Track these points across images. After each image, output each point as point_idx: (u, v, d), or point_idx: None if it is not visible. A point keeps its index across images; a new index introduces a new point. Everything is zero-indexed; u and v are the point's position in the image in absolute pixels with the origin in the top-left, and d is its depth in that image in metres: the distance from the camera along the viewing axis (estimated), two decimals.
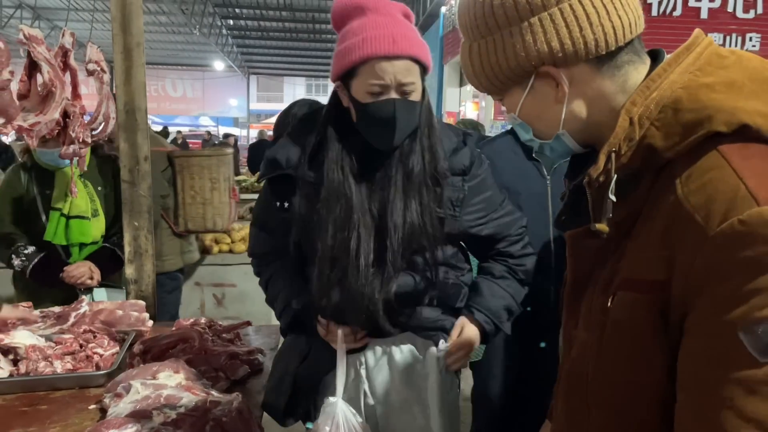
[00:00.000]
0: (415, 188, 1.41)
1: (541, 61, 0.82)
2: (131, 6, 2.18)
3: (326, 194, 1.41)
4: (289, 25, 20.34)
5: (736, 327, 0.66)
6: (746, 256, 0.66)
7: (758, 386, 0.66)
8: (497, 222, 1.56)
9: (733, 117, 0.71)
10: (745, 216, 0.66)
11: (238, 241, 3.97)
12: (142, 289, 2.35)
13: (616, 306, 0.80)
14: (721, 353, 0.68)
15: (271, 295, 1.64)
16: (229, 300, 3.86)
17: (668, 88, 0.77)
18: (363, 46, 1.30)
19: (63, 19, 16.83)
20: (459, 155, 1.49)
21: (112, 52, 2.19)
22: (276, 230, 1.57)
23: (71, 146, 2.06)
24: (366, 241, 1.39)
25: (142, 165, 2.25)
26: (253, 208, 1.60)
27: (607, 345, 0.82)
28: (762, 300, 0.65)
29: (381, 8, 1.35)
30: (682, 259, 0.71)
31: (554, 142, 0.90)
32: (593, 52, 0.81)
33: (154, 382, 1.49)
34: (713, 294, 0.68)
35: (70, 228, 2.38)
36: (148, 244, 2.32)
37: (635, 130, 0.78)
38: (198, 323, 1.99)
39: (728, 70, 0.76)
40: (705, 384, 0.70)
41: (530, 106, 0.88)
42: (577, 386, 0.88)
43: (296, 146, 1.48)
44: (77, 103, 2.07)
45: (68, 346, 1.80)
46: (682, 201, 0.71)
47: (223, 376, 1.69)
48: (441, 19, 13.07)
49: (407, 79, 1.33)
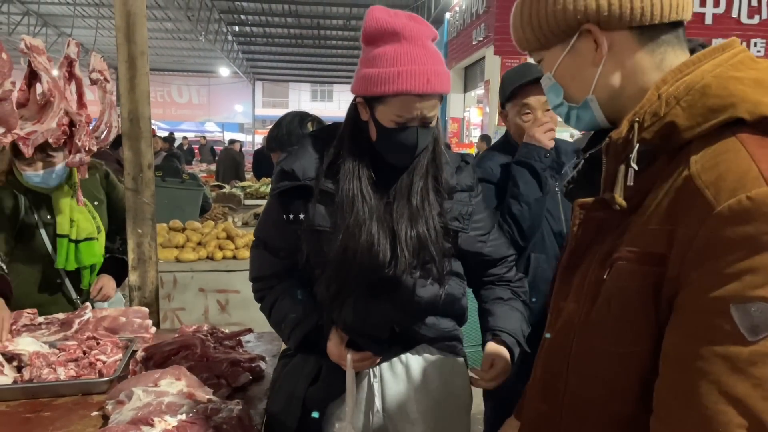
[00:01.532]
0: (419, 195, 1.44)
1: (587, 18, 0.85)
2: (135, 16, 2.19)
3: (342, 202, 1.43)
4: (294, 32, 20.45)
5: (728, 302, 0.67)
6: (748, 233, 0.67)
7: (743, 365, 0.67)
8: (494, 243, 1.62)
9: (757, 108, 0.74)
10: (753, 193, 0.68)
11: (242, 248, 3.98)
12: (146, 296, 2.36)
13: (612, 276, 0.81)
14: (709, 327, 0.69)
15: (277, 317, 1.60)
16: (233, 306, 3.87)
17: (699, 75, 0.79)
18: (398, 80, 1.32)
19: (70, 26, 16.97)
20: (464, 172, 1.56)
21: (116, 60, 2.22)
22: (282, 248, 1.56)
23: (77, 155, 2.08)
24: (384, 246, 1.42)
25: (145, 172, 2.27)
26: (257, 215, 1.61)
27: (596, 315, 0.84)
28: (757, 279, 0.66)
29: (416, 38, 1.35)
30: (684, 232, 0.72)
31: (581, 110, 0.92)
32: (637, 20, 0.83)
33: (155, 389, 1.50)
34: (710, 268, 0.69)
35: (80, 252, 2.33)
36: (151, 251, 2.33)
37: (661, 106, 0.80)
38: (200, 330, 2.00)
39: (759, 72, 0.79)
40: (689, 357, 0.71)
41: (567, 66, 0.91)
42: (558, 355, 0.90)
43: (311, 158, 1.49)
44: (83, 113, 2.09)
45: (72, 352, 1.81)
46: (694, 177, 0.73)
47: (225, 383, 1.70)
48: (445, 25, 13.11)
49: (432, 113, 1.40)
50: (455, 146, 12.22)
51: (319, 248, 1.46)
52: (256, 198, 7.05)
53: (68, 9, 17.26)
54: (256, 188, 7.44)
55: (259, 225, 1.66)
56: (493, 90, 9.32)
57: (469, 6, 11.12)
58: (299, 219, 1.47)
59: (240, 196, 6.85)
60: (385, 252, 1.41)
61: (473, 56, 11.01)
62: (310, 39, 21.18)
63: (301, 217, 1.47)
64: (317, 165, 1.47)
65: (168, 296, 3.82)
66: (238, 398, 1.55)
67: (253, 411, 1.56)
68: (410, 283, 1.44)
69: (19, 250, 2.34)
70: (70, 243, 2.29)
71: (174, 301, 3.84)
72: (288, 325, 1.56)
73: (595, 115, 0.91)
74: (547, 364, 0.95)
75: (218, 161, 11.34)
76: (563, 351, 0.89)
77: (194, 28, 16.62)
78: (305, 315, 1.53)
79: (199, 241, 4.04)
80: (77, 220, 2.29)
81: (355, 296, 1.45)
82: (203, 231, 4.15)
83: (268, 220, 1.60)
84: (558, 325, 0.93)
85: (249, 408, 1.54)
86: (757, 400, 0.67)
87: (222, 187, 7.80)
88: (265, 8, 17.64)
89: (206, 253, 3.95)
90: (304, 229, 1.47)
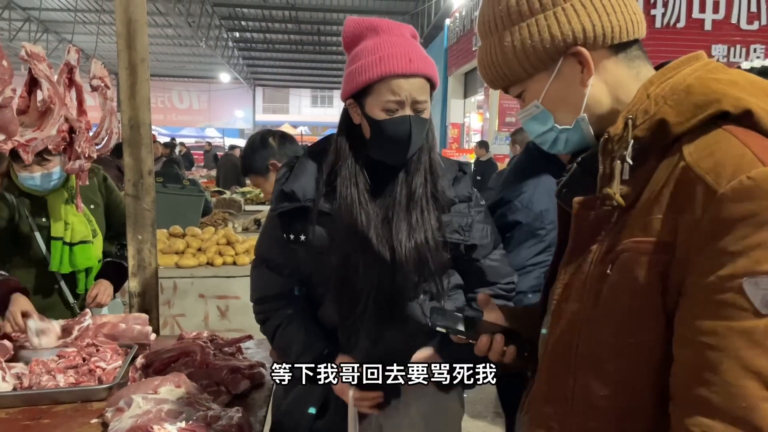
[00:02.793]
0: (418, 207, 1.42)
1: (575, 41, 0.88)
2: (136, 23, 2.20)
3: (340, 211, 1.41)
4: (294, 38, 20.51)
5: (739, 278, 0.70)
6: (751, 210, 0.70)
7: (760, 338, 0.69)
8: (492, 263, 1.55)
9: (739, 102, 0.78)
10: (753, 173, 0.71)
11: (242, 253, 3.97)
12: (146, 303, 2.36)
13: (617, 269, 0.83)
14: (722, 305, 0.71)
15: (281, 342, 1.53)
16: (233, 312, 3.86)
17: (682, 77, 0.85)
18: (380, 64, 1.34)
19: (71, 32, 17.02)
20: (462, 183, 1.53)
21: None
22: (285, 266, 1.52)
23: (77, 161, 2.08)
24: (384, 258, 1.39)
25: (146, 179, 2.27)
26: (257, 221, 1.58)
27: (601, 310, 0.85)
28: (766, 253, 0.69)
29: (394, 29, 1.41)
30: (688, 218, 0.75)
31: (571, 132, 0.94)
32: (617, 38, 0.88)
33: (155, 397, 1.49)
34: (717, 247, 0.72)
35: (74, 254, 2.33)
36: (152, 257, 2.33)
37: (651, 105, 0.84)
38: (200, 337, 2.00)
39: (732, 76, 0.84)
40: (705, 336, 0.73)
41: (555, 90, 0.93)
42: (564, 355, 0.91)
43: (311, 177, 1.47)
44: (83, 119, 2.09)
45: (71, 359, 1.81)
46: (692, 166, 0.77)
47: (225, 390, 1.69)
48: (445, 31, 13.14)
49: (421, 97, 1.38)
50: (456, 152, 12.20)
51: (321, 268, 1.44)
52: (256, 203, 7.05)
53: (69, 15, 17.31)
54: (257, 194, 7.44)
55: (259, 243, 1.61)
56: (493, 95, 9.32)
57: (469, 12, 11.16)
58: (300, 240, 1.45)
59: (240, 202, 6.85)
60: (385, 265, 1.39)
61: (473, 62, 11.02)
62: (311, 45, 21.24)
63: (302, 238, 1.45)
64: (316, 184, 1.46)
65: (168, 302, 3.81)
66: (238, 405, 1.54)
67: (252, 418, 1.55)
68: (416, 302, 1.43)
69: (15, 253, 2.35)
70: (64, 246, 2.31)
71: (174, 308, 3.83)
72: (293, 352, 1.48)
73: (585, 135, 0.94)
74: (552, 367, 0.95)
75: (219, 167, 11.35)
76: (569, 351, 0.90)
77: (195, 34, 16.66)
78: (311, 341, 1.47)
79: (199, 247, 4.03)
80: (72, 223, 2.30)
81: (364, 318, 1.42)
82: (203, 237, 4.14)
83: (269, 238, 1.56)
84: (561, 326, 0.93)
85: (249, 415, 1.53)
86: None
87: (222, 192, 7.80)
88: (266, 14, 17.69)
89: (206, 259, 3.94)
90: (305, 249, 1.45)
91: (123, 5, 2.20)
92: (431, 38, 14.90)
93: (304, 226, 1.45)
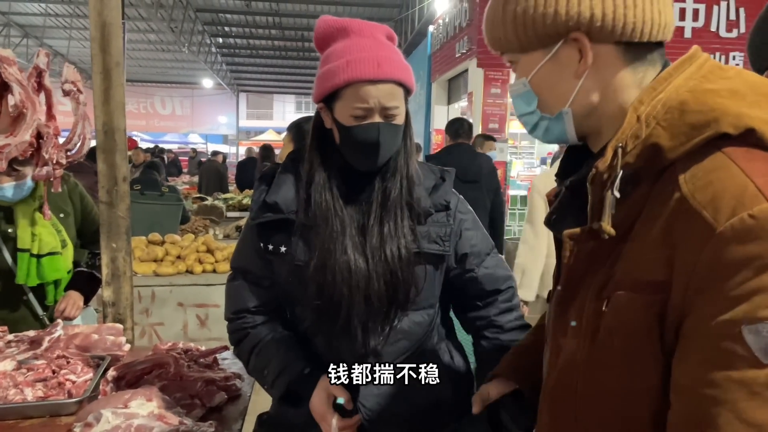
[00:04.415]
0: (391, 215, 1.37)
1: (578, 25, 0.81)
2: (110, 26, 2.15)
3: (316, 217, 1.36)
4: (278, 44, 20.45)
5: (739, 325, 0.64)
6: (754, 252, 0.64)
7: (760, 389, 0.64)
8: (487, 271, 1.49)
9: (740, 120, 0.71)
10: (755, 210, 0.65)
11: (222, 261, 3.93)
12: (120, 312, 2.30)
13: (612, 309, 0.77)
14: (721, 352, 0.66)
15: (259, 363, 1.45)
16: (213, 321, 3.81)
17: (674, 91, 0.77)
18: (347, 69, 1.28)
19: (51, 37, 16.84)
20: (440, 191, 1.45)
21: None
22: (265, 277, 1.46)
23: (44, 168, 2.02)
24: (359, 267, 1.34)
25: (120, 186, 2.22)
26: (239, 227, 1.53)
27: (599, 351, 0.79)
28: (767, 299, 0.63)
29: (365, 30, 1.34)
30: (685, 256, 0.69)
31: (552, 122, 0.88)
32: (627, 36, 0.81)
33: (125, 411, 1.44)
34: (717, 291, 0.66)
35: (42, 266, 2.24)
36: (126, 265, 2.28)
37: (642, 128, 0.77)
38: (175, 348, 1.95)
39: (731, 81, 0.77)
40: (702, 385, 0.67)
41: (547, 73, 0.86)
42: (565, 398, 0.85)
43: (292, 187, 1.42)
44: (51, 124, 2.03)
45: (40, 372, 1.75)
46: (688, 198, 0.70)
47: (199, 403, 1.64)
48: (429, 37, 13.16)
49: (391, 103, 1.31)
50: None
51: (298, 281, 1.38)
52: (238, 210, 6.99)
53: (50, 20, 17.14)
54: (239, 200, 7.38)
55: (235, 255, 1.53)
56: (476, 102, 9.34)
57: (452, 19, 11.18)
58: (279, 251, 1.40)
59: (222, 209, 6.78)
60: (360, 273, 1.34)
61: (457, 68, 11.04)
62: (295, 51, 21.19)
63: (282, 249, 1.40)
64: (294, 193, 1.41)
65: (146, 311, 3.75)
66: (213, 419, 1.50)
67: None
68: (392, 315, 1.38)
69: None
70: (31, 258, 2.22)
71: (152, 316, 3.77)
72: (271, 372, 1.41)
73: (566, 129, 0.88)
74: (553, 409, 0.89)
75: (201, 173, 11.26)
76: (569, 393, 0.84)
77: (177, 40, 16.54)
78: (291, 360, 1.40)
79: (178, 254, 3.98)
80: (39, 234, 2.21)
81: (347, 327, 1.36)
82: (182, 244, 4.09)
83: (246, 249, 1.49)
84: (560, 365, 0.88)
85: (223, 429, 1.49)
86: None
87: (204, 199, 7.72)
88: (249, 20, 17.62)
89: (185, 266, 3.89)
90: (283, 261, 1.40)
91: (97, 9, 2.15)
92: (415, 45, 14.92)
93: (284, 237, 1.40)
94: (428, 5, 12.89)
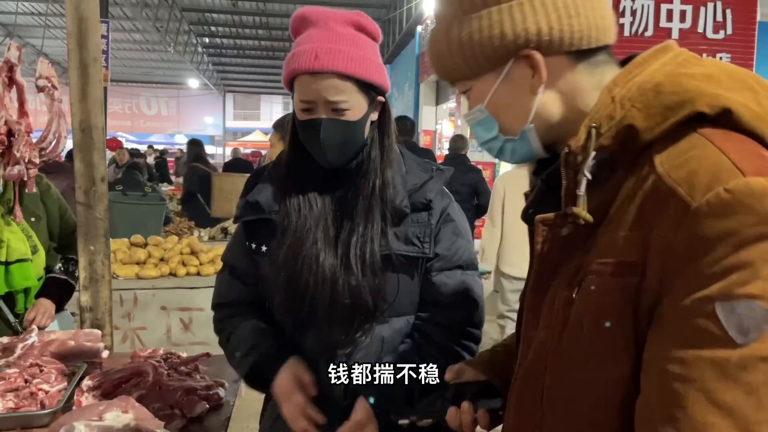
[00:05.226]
0: (362, 215, 1.31)
1: (527, 42, 0.78)
2: (88, 21, 2.08)
3: (290, 215, 1.34)
4: (265, 44, 20.34)
5: (713, 302, 0.62)
6: (730, 227, 0.62)
7: (732, 370, 0.61)
8: (446, 281, 1.37)
9: (716, 100, 0.70)
10: (731, 185, 0.63)
11: (207, 263, 3.84)
12: (98, 317, 2.22)
13: (581, 294, 0.74)
14: (693, 331, 0.63)
15: (232, 345, 1.44)
16: (197, 325, 3.72)
17: (649, 74, 0.76)
18: (290, 62, 1.26)
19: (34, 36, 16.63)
20: (422, 190, 1.36)
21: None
22: (247, 275, 1.45)
23: (15, 167, 1.93)
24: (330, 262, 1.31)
25: (98, 186, 2.14)
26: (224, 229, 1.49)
27: (568, 339, 0.76)
28: (743, 275, 0.61)
29: (321, 21, 1.28)
30: (661, 235, 0.67)
31: (517, 142, 0.86)
32: (576, 44, 0.79)
33: (99, 424, 1.37)
34: (692, 270, 0.64)
35: (10, 274, 2.12)
36: (104, 269, 2.20)
37: (616, 110, 0.75)
38: (154, 355, 1.87)
39: (707, 68, 0.76)
40: (672, 365, 0.64)
41: (502, 95, 0.84)
42: (532, 389, 0.82)
43: (271, 185, 1.40)
44: (23, 121, 1.95)
45: (12, 381, 1.67)
46: (663, 177, 0.68)
47: (179, 413, 1.57)
48: (417, 38, 13.14)
49: (336, 97, 1.25)
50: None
51: (276, 276, 1.36)
52: None
53: (33, 19, 16.93)
54: None
55: (227, 250, 1.55)
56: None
57: None
58: (261, 250, 1.39)
59: None
60: (327, 268, 1.30)
61: None
62: (282, 51, 21.06)
63: (264, 249, 1.38)
64: (276, 194, 1.38)
65: (128, 315, 3.66)
66: (194, 430, 1.44)
67: None
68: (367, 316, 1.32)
69: None
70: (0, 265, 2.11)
71: (134, 321, 3.68)
72: (240, 351, 1.41)
73: (533, 147, 0.85)
74: (519, 404, 0.86)
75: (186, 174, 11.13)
76: (536, 386, 0.81)
77: (163, 40, 16.38)
78: (259, 341, 1.39)
79: (161, 256, 3.89)
80: (7, 240, 2.09)
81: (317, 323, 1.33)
82: (166, 246, 4.00)
83: (236, 245, 1.49)
84: (529, 357, 0.84)
85: None
86: (751, 409, 0.60)
87: None
88: (236, 20, 17.50)
89: (169, 269, 3.80)
90: (265, 262, 1.39)
91: (74, 2, 2.07)
92: (403, 45, 14.88)
93: (266, 237, 1.38)
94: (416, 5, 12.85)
